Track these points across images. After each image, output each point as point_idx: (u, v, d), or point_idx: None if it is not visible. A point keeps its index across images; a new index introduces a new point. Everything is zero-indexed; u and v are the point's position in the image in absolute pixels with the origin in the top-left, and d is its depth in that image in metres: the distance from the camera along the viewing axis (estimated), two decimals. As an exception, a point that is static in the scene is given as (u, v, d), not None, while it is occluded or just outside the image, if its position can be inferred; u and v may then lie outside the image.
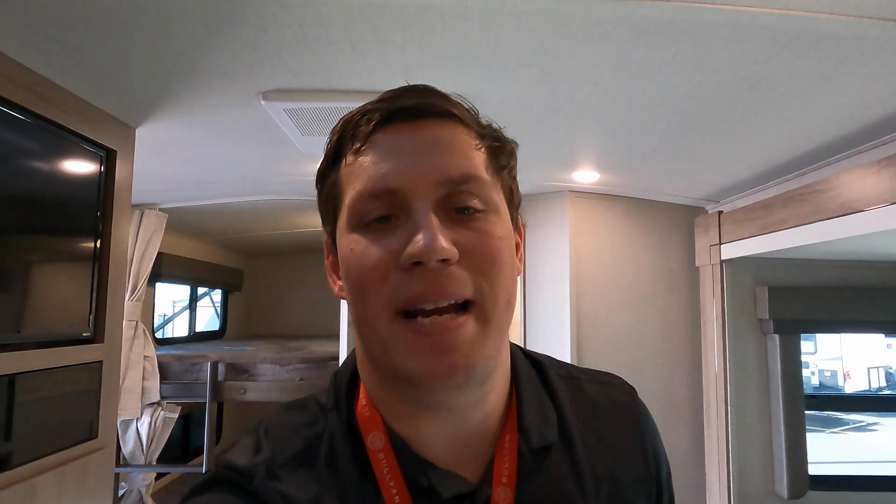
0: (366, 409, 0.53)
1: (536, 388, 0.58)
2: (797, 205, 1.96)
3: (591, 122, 1.80)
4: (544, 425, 0.55)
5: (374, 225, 0.48)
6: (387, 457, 0.50)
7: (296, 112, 1.71)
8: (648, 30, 1.19)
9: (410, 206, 0.47)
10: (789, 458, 2.41)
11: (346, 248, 0.50)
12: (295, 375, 3.30)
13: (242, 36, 1.27)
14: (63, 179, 1.60)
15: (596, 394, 0.61)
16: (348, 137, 0.51)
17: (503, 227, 0.50)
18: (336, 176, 0.52)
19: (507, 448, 0.52)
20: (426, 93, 0.51)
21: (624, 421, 0.60)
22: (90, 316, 1.69)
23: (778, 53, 1.24)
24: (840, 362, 6.98)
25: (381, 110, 0.49)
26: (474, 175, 0.49)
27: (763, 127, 1.70)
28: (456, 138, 0.50)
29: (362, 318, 0.49)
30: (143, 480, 3.30)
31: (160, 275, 3.91)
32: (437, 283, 0.45)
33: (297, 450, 0.52)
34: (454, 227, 0.47)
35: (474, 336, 0.46)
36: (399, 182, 0.47)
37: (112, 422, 1.81)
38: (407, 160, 0.48)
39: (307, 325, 6.24)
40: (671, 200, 2.88)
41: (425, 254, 0.44)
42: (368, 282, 0.47)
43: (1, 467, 1.37)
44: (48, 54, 1.36)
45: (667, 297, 2.89)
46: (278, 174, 2.61)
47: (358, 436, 0.52)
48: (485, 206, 0.49)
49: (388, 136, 0.49)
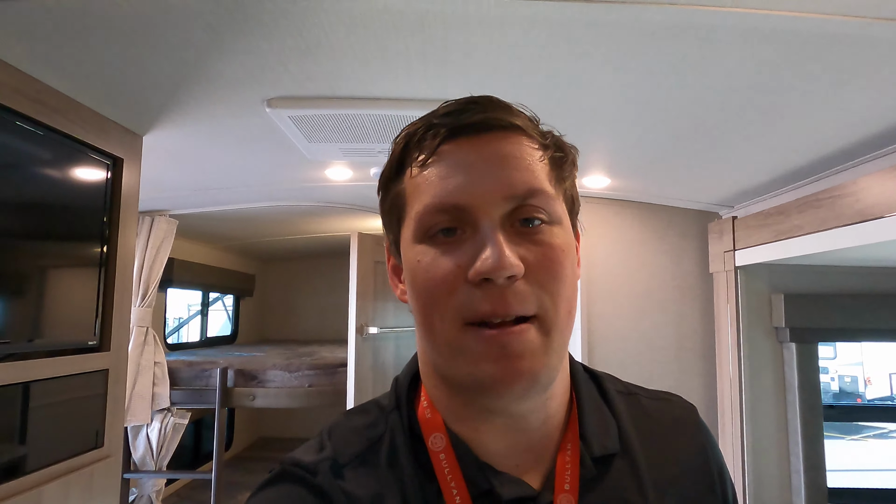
0: (427, 410, 0.55)
1: (595, 400, 0.59)
2: (814, 210, 1.91)
3: (600, 128, 1.77)
4: (605, 435, 0.55)
5: (441, 237, 0.50)
6: (448, 458, 0.51)
7: (301, 119, 1.70)
8: (656, 34, 1.16)
9: (477, 220, 0.48)
10: (807, 469, 2.35)
11: (412, 258, 0.51)
12: (304, 382, 3.29)
13: (245, 44, 1.26)
14: (69, 188, 1.60)
15: (656, 410, 0.61)
16: (413, 150, 0.52)
17: (565, 237, 0.51)
18: (400, 187, 0.54)
19: (569, 455, 0.53)
20: (490, 106, 0.52)
21: (687, 437, 0.60)
22: (96, 324, 1.69)
23: (790, 57, 1.21)
24: (861, 368, 6.83)
25: (448, 125, 0.50)
26: (539, 189, 0.50)
27: (776, 131, 1.65)
28: (521, 151, 0.51)
29: (429, 327, 0.50)
30: (154, 486, 3.31)
31: (171, 280, 3.93)
32: (504, 299, 0.46)
33: (359, 449, 0.54)
34: (519, 240, 0.48)
35: (537, 346, 0.47)
36: (466, 198, 0.48)
37: (118, 430, 1.81)
38: (474, 175, 0.49)
39: (318, 329, 6.25)
40: (684, 205, 2.83)
41: (494, 271, 0.45)
42: (437, 294, 0.48)
43: (8, 476, 1.37)
44: (54, 64, 1.37)
45: (679, 303, 2.83)
46: (286, 180, 2.61)
47: (419, 437, 0.54)
48: (548, 219, 0.50)
49: (454, 151, 0.50)
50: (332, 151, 2.05)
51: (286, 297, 6.41)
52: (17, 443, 1.41)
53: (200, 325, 5.07)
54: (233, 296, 5.62)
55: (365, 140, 1.91)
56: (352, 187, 2.76)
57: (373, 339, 2.83)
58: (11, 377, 1.38)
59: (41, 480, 1.47)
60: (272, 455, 5.35)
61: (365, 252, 2.84)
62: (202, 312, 5.09)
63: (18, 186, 1.43)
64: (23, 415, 1.42)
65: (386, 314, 2.99)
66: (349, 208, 3.34)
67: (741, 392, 2.46)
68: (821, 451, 2.38)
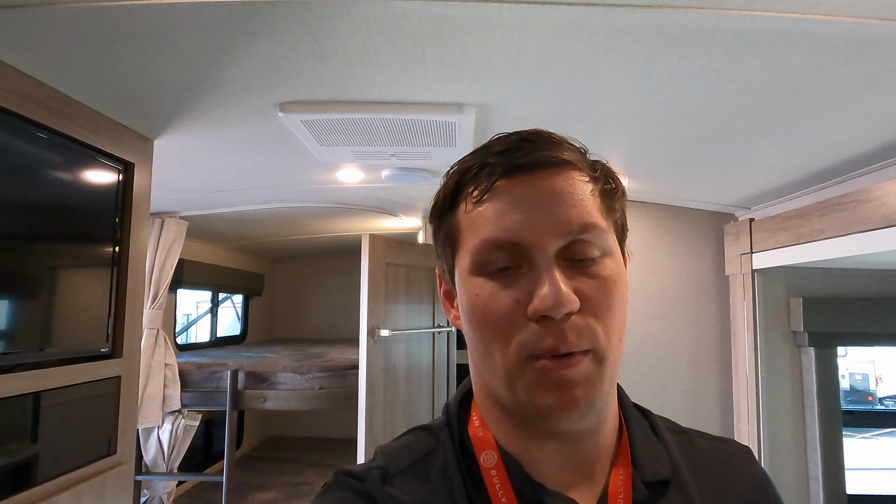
0: (479, 429, 0.57)
1: (645, 429, 0.60)
2: (836, 214, 1.87)
3: (617, 130, 1.74)
4: (657, 461, 0.56)
5: (497, 272, 0.51)
6: (499, 475, 0.53)
7: (313, 123, 1.67)
8: (681, 38, 1.12)
9: (533, 257, 0.50)
10: (825, 476, 2.31)
11: (470, 291, 0.53)
12: (314, 384, 3.27)
13: (258, 49, 1.24)
14: (80, 193, 1.58)
15: (709, 447, 0.61)
16: (467, 185, 0.54)
17: (616, 267, 0.53)
18: (454, 220, 0.56)
19: (621, 478, 0.54)
20: (542, 143, 0.53)
21: (744, 473, 0.60)
22: (108, 331, 1.68)
23: (819, 61, 1.17)
24: (872, 365, 6.77)
25: (502, 166, 0.52)
26: (592, 224, 0.51)
27: (799, 135, 1.61)
28: (573, 186, 0.52)
29: (488, 358, 0.52)
30: (165, 488, 3.31)
31: (181, 281, 3.93)
32: (563, 335, 0.48)
33: (411, 461, 0.56)
34: (572, 273, 0.50)
35: (593, 376, 0.49)
36: (523, 235, 0.50)
37: (131, 437, 1.80)
38: (529, 213, 0.51)
39: (328, 329, 6.24)
40: (699, 207, 2.79)
41: (553, 309, 0.47)
42: (497, 329, 0.50)
43: (20, 487, 1.36)
44: (64, 70, 1.35)
45: (694, 306, 2.80)
46: (297, 183, 2.59)
47: (470, 453, 0.55)
48: (601, 252, 0.52)
49: (508, 188, 0.52)
50: (343, 154, 2.03)
51: (295, 297, 6.40)
52: (28, 453, 1.39)
53: (210, 325, 5.07)
54: (242, 295, 5.62)
55: (377, 143, 1.88)
56: (363, 189, 2.74)
57: (384, 341, 2.81)
58: (23, 387, 1.37)
59: (53, 490, 1.46)
60: (282, 455, 5.36)
61: (376, 253, 2.81)
62: (212, 312, 5.09)
63: (27, 193, 1.41)
64: (34, 424, 1.41)
65: (397, 316, 2.97)
66: (360, 209, 3.33)
67: (758, 397, 2.43)
68: (840, 457, 2.34)
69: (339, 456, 5.20)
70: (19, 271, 1.39)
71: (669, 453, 0.57)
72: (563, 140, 0.55)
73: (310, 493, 4.19)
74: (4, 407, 1.32)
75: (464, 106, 1.57)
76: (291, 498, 4.06)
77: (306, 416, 6.07)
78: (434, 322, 3.29)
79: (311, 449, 5.54)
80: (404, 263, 3.08)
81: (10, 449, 1.35)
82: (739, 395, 2.56)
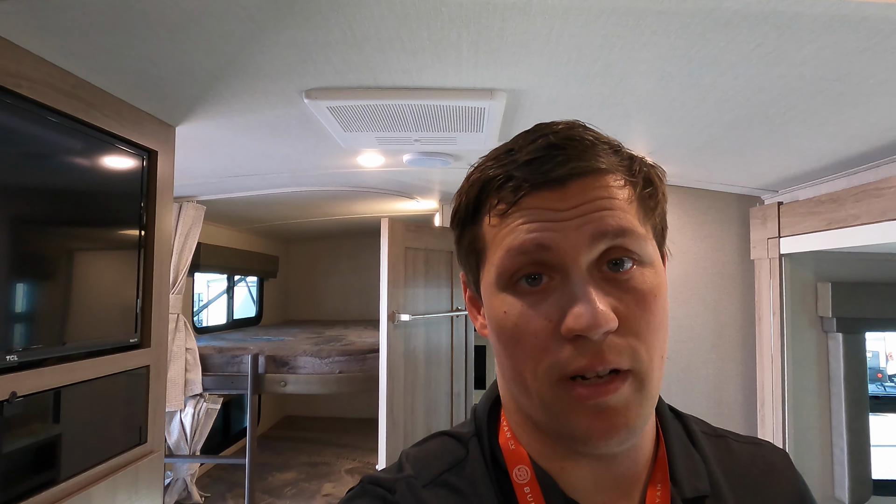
0: (510, 441, 0.54)
1: (683, 439, 0.57)
2: (872, 200, 1.82)
3: (650, 115, 1.69)
4: (695, 476, 0.53)
5: (525, 286, 0.48)
6: (533, 491, 0.51)
7: (339, 110, 1.64)
8: (731, 23, 1.08)
9: (565, 266, 0.46)
10: (851, 462, 2.30)
11: (498, 308, 0.49)
12: (335, 368, 3.29)
13: (287, 36, 1.20)
14: (105, 182, 1.57)
15: (746, 453, 0.59)
16: (491, 197, 0.50)
17: (656, 278, 0.49)
18: (478, 231, 0.52)
19: (658, 494, 0.51)
20: (574, 152, 0.48)
21: (782, 483, 0.57)
22: (136, 322, 1.68)
23: (876, 45, 1.12)
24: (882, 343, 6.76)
25: (529, 181, 0.47)
26: (629, 228, 0.47)
27: (841, 119, 1.56)
28: (608, 193, 0.48)
29: (519, 378, 0.48)
30: (188, 470, 3.36)
31: (198, 265, 3.93)
32: (599, 354, 0.44)
33: (439, 471, 0.53)
34: (609, 288, 0.46)
35: (632, 400, 0.46)
36: (553, 244, 0.46)
37: (160, 425, 1.81)
38: (560, 224, 0.46)
39: (342, 310, 6.26)
40: (724, 190, 2.74)
41: (589, 330, 0.43)
42: (528, 351, 0.47)
43: (54, 481, 1.37)
44: (89, 58, 1.32)
45: (718, 291, 2.76)
46: (317, 167, 2.56)
47: (502, 466, 0.53)
48: (639, 259, 0.48)
49: (536, 199, 0.47)
50: (367, 140, 2.00)
51: (310, 278, 6.41)
52: (60, 446, 1.40)
53: (227, 308, 5.09)
54: (256, 277, 5.63)
55: (402, 129, 1.85)
56: (383, 173, 2.71)
57: (404, 325, 2.81)
58: (55, 381, 1.36)
59: (87, 482, 1.47)
60: (298, 434, 5.42)
61: (395, 238, 2.79)
62: (228, 294, 5.10)
63: (52, 181, 1.39)
64: (65, 417, 1.41)
65: (416, 300, 2.96)
66: (377, 192, 3.30)
67: (783, 383, 2.41)
68: (866, 443, 2.32)
69: (356, 436, 5.26)
70: (46, 259, 1.38)
71: (707, 463, 0.55)
72: (597, 140, 0.49)
73: (328, 473, 4.24)
74: (37, 401, 1.32)
75: (495, 91, 1.52)
76: (311, 478, 4.12)
77: (323, 396, 6.12)
78: (452, 305, 3.28)
79: (328, 429, 5.60)
80: (423, 247, 3.06)
81: (43, 442, 1.35)
82: (764, 380, 2.54)
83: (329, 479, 4.11)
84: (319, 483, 4.01)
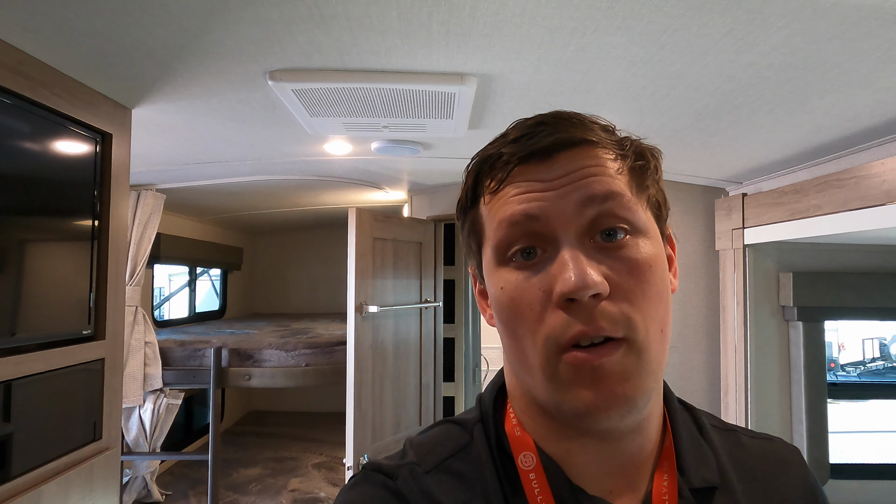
0: (516, 428, 0.54)
1: (691, 430, 0.56)
2: (834, 191, 1.86)
3: (621, 103, 1.68)
4: (704, 466, 0.53)
5: (520, 260, 0.48)
6: (538, 478, 0.50)
7: (305, 92, 1.58)
8: (704, 6, 1.07)
9: (556, 236, 0.47)
10: (810, 447, 2.36)
11: (496, 285, 0.50)
12: (301, 361, 3.22)
13: (250, 13, 1.15)
14: (55, 167, 1.48)
15: (757, 448, 0.59)
16: (485, 178, 0.52)
17: (653, 248, 0.48)
18: (476, 213, 0.53)
19: (665, 484, 0.51)
20: (560, 125, 0.49)
21: (793, 477, 0.57)
22: (90, 314, 1.60)
23: (844, 33, 1.13)
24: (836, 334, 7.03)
25: (517, 154, 0.49)
26: (616, 192, 0.47)
27: (808, 108, 1.58)
28: (595, 162, 0.48)
29: (521, 354, 0.49)
30: (148, 467, 3.25)
31: (158, 256, 3.80)
32: (592, 318, 0.44)
33: (442, 457, 0.53)
34: (601, 256, 0.46)
35: (631, 369, 0.45)
36: (540, 208, 0.47)
37: (116, 420, 1.73)
38: (548, 193, 0.47)
39: (310, 303, 6.17)
40: (689, 181, 2.77)
41: (577, 291, 0.44)
42: (524, 322, 0.47)
43: (3, 479, 1.29)
44: (37, 31, 1.24)
45: (684, 281, 2.80)
46: (282, 155, 2.49)
47: (507, 452, 0.52)
48: (631, 228, 0.48)
49: (525, 172, 0.49)
50: (333, 126, 1.94)
51: (275, 270, 6.30)
52: (12, 442, 1.32)
53: (188, 301, 4.95)
54: (220, 270, 5.49)
55: (370, 114, 1.80)
56: (351, 161, 2.66)
57: (372, 317, 2.76)
58: (4, 373, 1.29)
59: (39, 479, 1.39)
60: (265, 430, 5.33)
61: (363, 228, 2.74)
62: (190, 287, 4.96)
63: None
64: (16, 411, 1.33)
65: (385, 292, 2.92)
66: (345, 182, 3.23)
67: (746, 371, 2.45)
68: (824, 430, 2.39)
69: (324, 430, 5.19)
70: (-7, 251, 1.30)
71: (717, 455, 0.55)
72: (585, 119, 0.51)
73: (294, 468, 4.18)
74: (-18, 395, 1.24)
75: (465, 76, 1.49)
76: (277, 473, 4.04)
77: (290, 390, 6.03)
78: (421, 297, 3.25)
79: (296, 423, 5.52)
80: (392, 238, 3.01)
81: (-9, 439, 1.27)
82: (728, 368, 2.59)
83: (296, 474, 4.05)
84: (286, 478, 3.95)
